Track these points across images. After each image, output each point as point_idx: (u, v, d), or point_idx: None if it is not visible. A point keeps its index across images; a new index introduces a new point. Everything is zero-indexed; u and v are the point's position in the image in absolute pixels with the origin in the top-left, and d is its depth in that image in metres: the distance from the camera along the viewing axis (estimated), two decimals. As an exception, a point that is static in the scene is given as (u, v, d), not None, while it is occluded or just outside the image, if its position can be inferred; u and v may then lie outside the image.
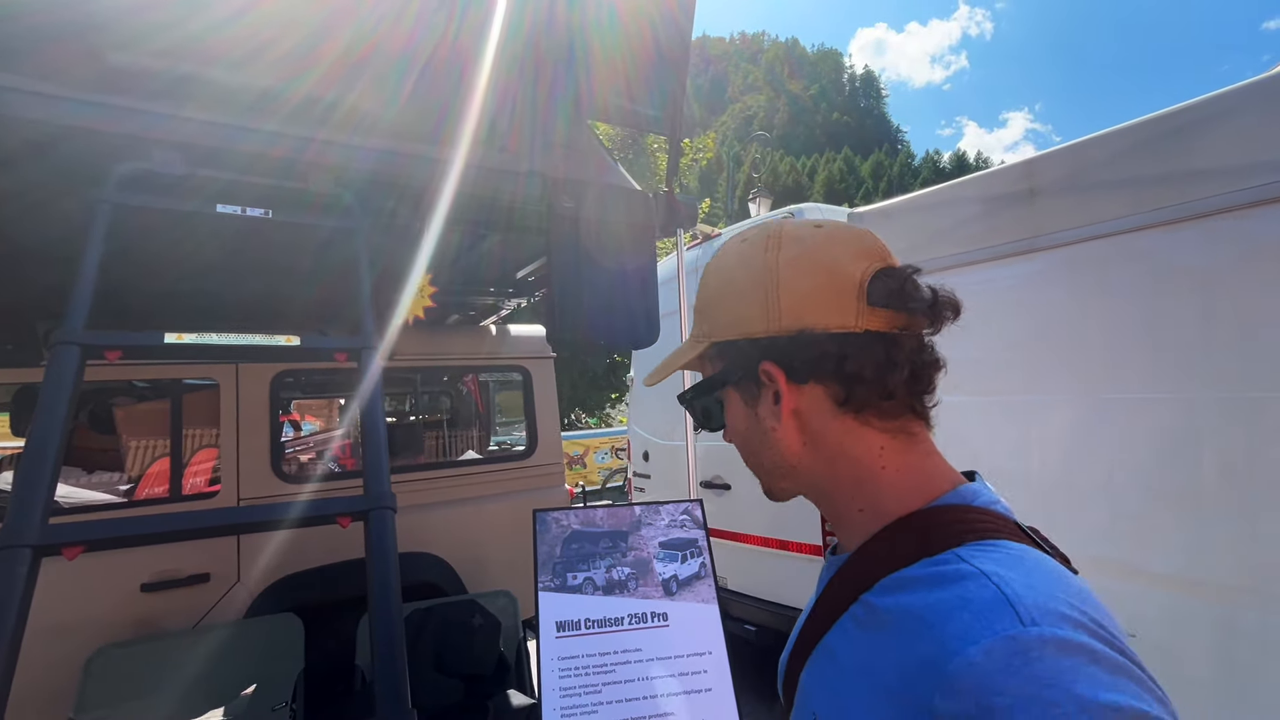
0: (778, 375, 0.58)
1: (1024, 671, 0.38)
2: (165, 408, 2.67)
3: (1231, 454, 1.71)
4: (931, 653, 0.43)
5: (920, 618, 0.46)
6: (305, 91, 1.49)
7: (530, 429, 3.44)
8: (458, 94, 1.73)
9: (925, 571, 0.49)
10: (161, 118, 1.28)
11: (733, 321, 0.60)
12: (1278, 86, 1.74)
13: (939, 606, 0.45)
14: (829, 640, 0.57)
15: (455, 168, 1.66)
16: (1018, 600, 0.42)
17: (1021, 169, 2.35)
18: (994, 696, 0.38)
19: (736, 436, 0.64)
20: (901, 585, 0.51)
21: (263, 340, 1.14)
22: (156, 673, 2.24)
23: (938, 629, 0.44)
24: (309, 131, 1.46)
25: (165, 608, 2.41)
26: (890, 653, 0.47)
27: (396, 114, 1.62)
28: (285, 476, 2.78)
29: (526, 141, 1.78)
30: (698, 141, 14.70)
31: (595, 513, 1.80)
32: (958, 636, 0.42)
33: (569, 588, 1.67)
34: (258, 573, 2.54)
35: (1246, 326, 1.72)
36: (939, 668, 0.42)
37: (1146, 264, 1.93)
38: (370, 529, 1.00)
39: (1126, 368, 1.96)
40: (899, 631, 0.48)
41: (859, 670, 0.51)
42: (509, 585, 2.84)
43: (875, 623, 0.51)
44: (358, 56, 1.57)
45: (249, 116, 1.39)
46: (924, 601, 0.47)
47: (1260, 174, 1.72)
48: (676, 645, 1.63)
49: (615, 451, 10.77)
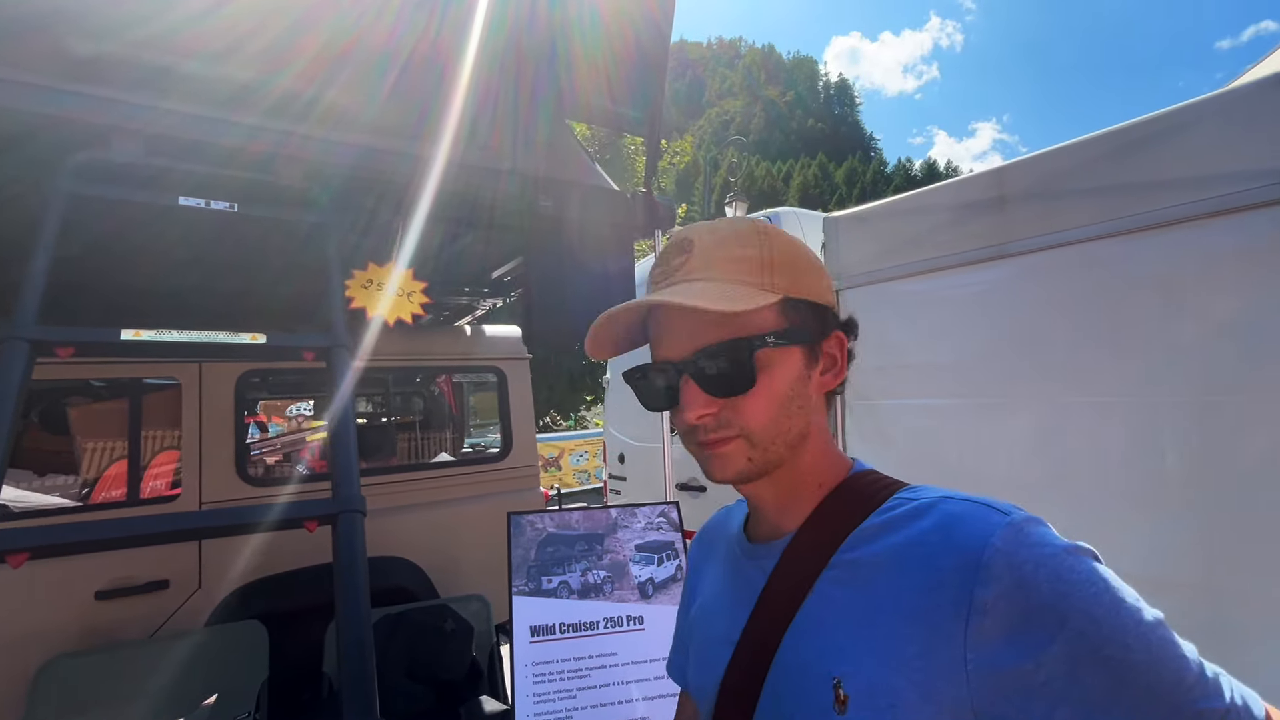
0: (842, 350, 0.64)
1: (1027, 542, 0.49)
2: (123, 408, 2.57)
3: (1190, 455, 1.77)
4: (956, 560, 0.50)
5: (924, 543, 0.53)
6: (278, 85, 1.45)
7: (505, 430, 3.40)
8: (437, 91, 1.70)
9: (891, 515, 0.58)
10: (126, 107, 1.24)
11: (813, 285, 0.62)
12: (1231, 102, 1.81)
13: (938, 529, 0.53)
14: (807, 614, 0.58)
15: (433, 165, 1.63)
16: (987, 502, 0.54)
17: (992, 177, 2.40)
18: (1020, 566, 0.48)
19: (774, 399, 0.59)
20: (877, 533, 0.57)
21: (226, 338, 1.10)
22: (111, 684, 2.15)
23: (950, 542, 0.51)
24: (280, 125, 1.42)
25: (121, 616, 2.31)
26: (904, 582, 0.53)
27: (373, 110, 1.58)
28: (251, 479, 2.69)
29: (506, 140, 1.76)
30: (675, 145, 14.78)
31: (571, 515, 1.78)
32: (973, 538, 0.50)
33: (544, 591, 1.64)
34: (220, 579, 2.46)
35: (1203, 332, 1.78)
36: (970, 566, 0.49)
37: (1110, 271, 1.99)
38: (338, 533, 0.97)
39: (1090, 372, 2.01)
40: (905, 563, 0.53)
41: (867, 616, 0.54)
42: (482, 589, 2.80)
43: (863, 573, 0.56)
44: (334, 52, 1.53)
45: (218, 109, 1.34)
46: (916, 532, 0.54)
47: (1217, 186, 1.78)
48: (652, 649, 1.62)
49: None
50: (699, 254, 0.61)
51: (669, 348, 0.61)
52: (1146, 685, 0.44)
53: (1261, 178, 1.71)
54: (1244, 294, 1.72)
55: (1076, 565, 0.48)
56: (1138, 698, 0.44)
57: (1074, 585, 0.47)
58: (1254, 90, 1.77)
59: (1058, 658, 0.45)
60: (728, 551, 0.73)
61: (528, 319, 1.64)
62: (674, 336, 0.61)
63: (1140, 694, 0.44)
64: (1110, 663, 0.44)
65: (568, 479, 10.65)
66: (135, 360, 2.51)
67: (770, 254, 0.61)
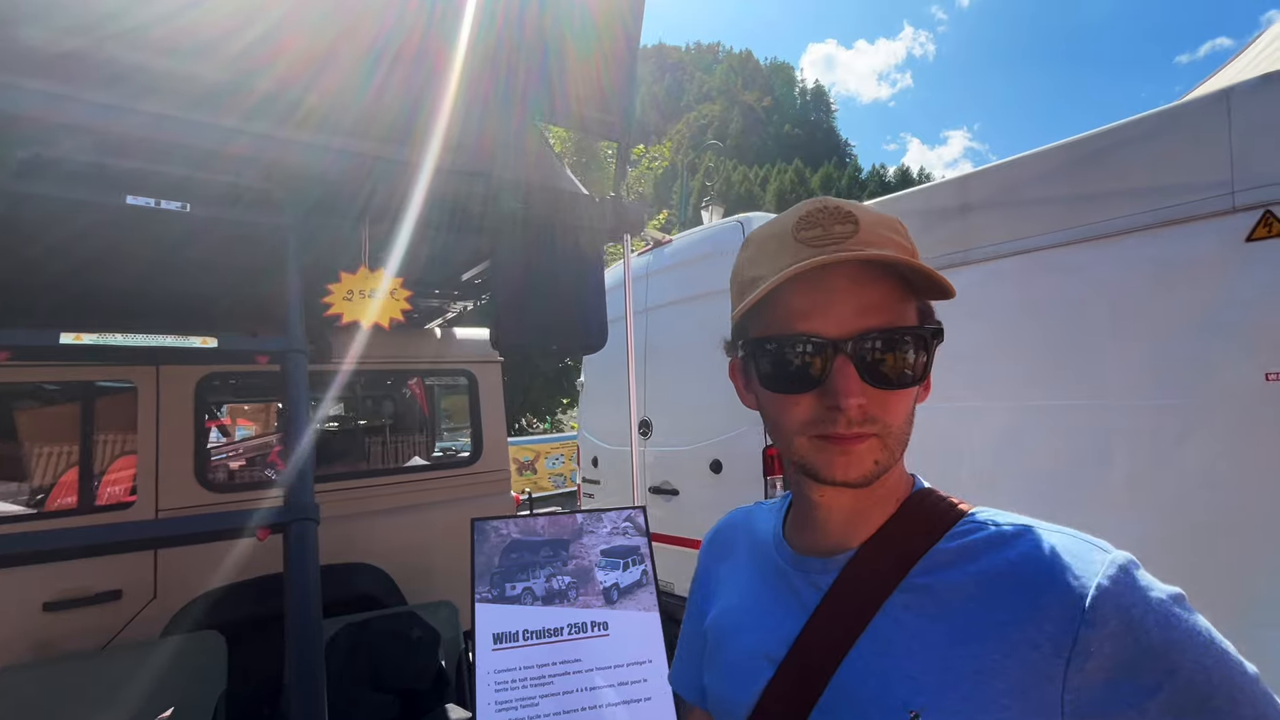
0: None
1: (1134, 585, 0.48)
2: (75, 412, 2.48)
3: (1137, 459, 1.82)
4: (1058, 596, 0.48)
5: (1016, 575, 0.51)
6: (238, 83, 1.42)
7: (475, 434, 3.36)
8: (404, 92, 1.68)
9: (968, 541, 0.55)
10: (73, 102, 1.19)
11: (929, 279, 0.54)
12: (1179, 116, 1.87)
13: (1032, 560, 0.51)
14: (874, 636, 0.54)
15: (398, 166, 1.61)
16: (1081, 536, 0.52)
17: (956, 185, 2.46)
18: (1128, 609, 0.46)
19: (912, 401, 0.57)
20: (954, 558, 0.54)
21: (174, 342, 1.07)
22: (61, 698, 2.07)
23: (1050, 576, 0.49)
24: (239, 124, 1.38)
25: (71, 627, 2.23)
26: (993, 613, 0.50)
27: (337, 111, 1.56)
28: (211, 485, 2.62)
29: (473, 141, 1.74)
30: (654, 150, 14.78)
31: (536, 521, 1.77)
32: (1077, 575, 0.48)
33: (507, 598, 1.63)
34: (178, 588, 2.39)
35: (1152, 340, 1.84)
36: (1076, 604, 0.47)
37: (1067, 279, 2.05)
38: (290, 542, 0.95)
39: (1050, 377, 2.07)
40: (993, 593, 0.51)
41: (948, 646, 0.51)
42: (452, 596, 2.76)
43: (942, 600, 0.53)
44: (298, 52, 1.51)
45: (174, 106, 1.31)
46: (1003, 561, 0.52)
47: (1166, 197, 1.85)
48: (617, 654, 1.61)
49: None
50: (866, 228, 0.54)
51: (825, 321, 0.53)
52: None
53: (1208, 189, 1.78)
54: (1190, 303, 1.79)
55: (1183, 613, 0.47)
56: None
57: (1184, 634, 0.46)
58: (1200, 106, 1.84)
59: (1164, 706, 0.44)
60: (759, 558, 0.68)
61: (494, 322, 1.62)
62: (836, 310, 0.53)
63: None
64: (1218, 714, 0.44)
65: (543, 482, 10.58)
66: (87, 363, 2.43)
67: (915, 248, 0.56)
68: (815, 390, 0.54)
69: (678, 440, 3.72)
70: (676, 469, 3.72)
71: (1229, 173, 1.75)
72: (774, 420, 0.58)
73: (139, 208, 1.21)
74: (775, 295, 0.54)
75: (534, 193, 1.74)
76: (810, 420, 0.55)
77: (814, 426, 0.54)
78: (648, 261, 4.09)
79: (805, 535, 0.63)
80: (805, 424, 0.55)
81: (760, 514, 0.75)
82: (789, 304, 0.55)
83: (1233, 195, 1.74)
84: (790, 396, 0.55)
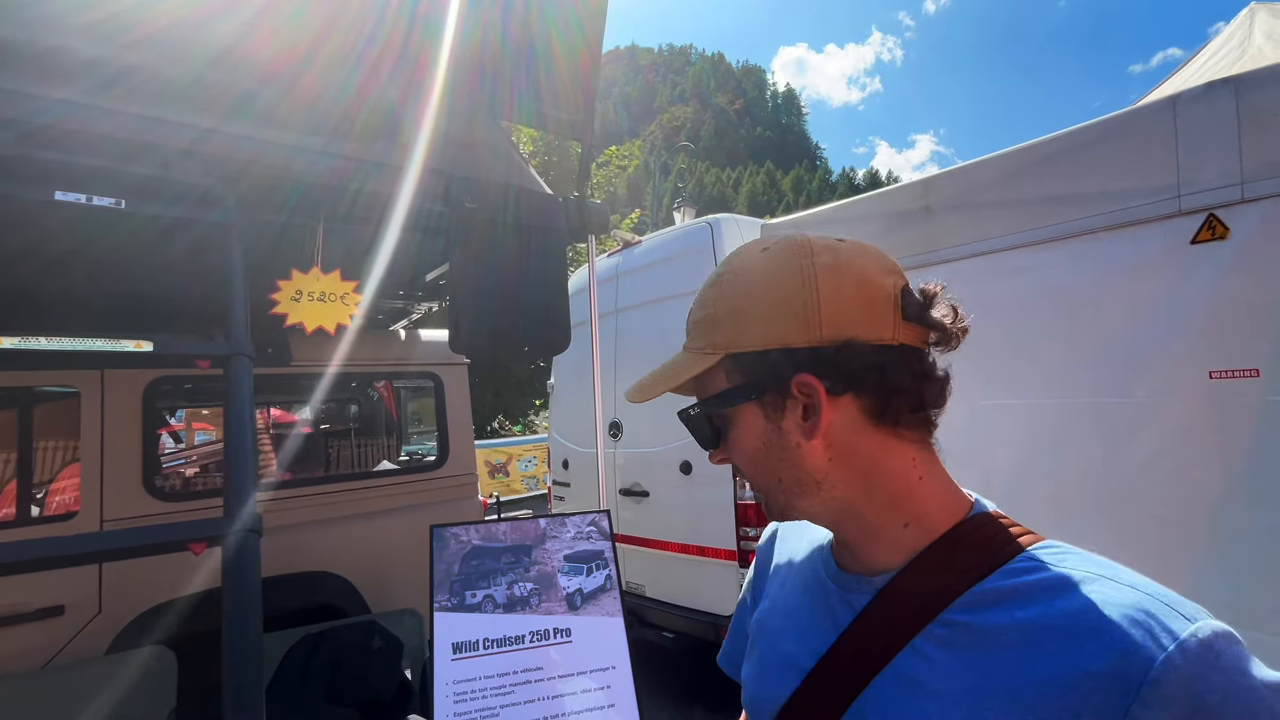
0: (818, 388, 0.55)
1: (1219, 665, 0.40)
2: (12, 419, 2.36)
3: (1086, 456, 1.87)
4: (1113, 663, 0.42)
5: (1069, 630, 0.44)
6: (175, 71, 1.35)
7: (441, 438, 3.30)
8: (357, 87, 1.63)
9: (1023, 582, 0.49)
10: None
11: (762, 332, 0.56)
12: (1128, 122, 1.92)
13: (1092, 616, 0.44)
14: (899, 670, 0.52)
15: (348, 162, 1.56)
16: (1166, 598, 0.44)
17: (920, 187, 2.49)
18: (1204, 695, 0.39)
19: (745, 455, 0.60)
20: (1001, 598, 0.49)
21: (105, 346, 1.01)
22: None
23: (1107, 639, 0.43)
24: (175, 114, 1.33)
25: (9, 646, 2.12)
26: (1033, 669, 0.45)
27: (285, 104, 1.50)
28: (161, 494, 2.52)
29: (428, 138, 1.70)
30: (624, 149, 14.77)
31: (497, 527, 1.73)
32: (1142, 644, 0.41)
33: (467, 606, 1.59)
34: (123, 602, 2.29)
35: (1097, 340, 1.89)
36: (1133, 677, 0.41)
37: (1023, 280, 2.09)
38: (228, 556, 0.90)
39: (1008, 377, 2.10)
40: (1038, 646, 0.45)
41: (979, 695, 0.47)
42: (417, 603, 2.70)
43: (979, 643, 0.48)
44: (242, 42, 1.45)
45: (104, 94, 1.24)
46: (1058, 612, 0.46)
47: (1115, 201, 1.90)
48: (580, 661, 1.59)
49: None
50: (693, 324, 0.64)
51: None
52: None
53: (1155, 194, 1.83)
54: (1134, 303, 1.84)
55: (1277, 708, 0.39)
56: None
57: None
58: (1148, 112, 1.89)
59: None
60: (809, 564, 0.68)
61: (452, 324, 1.59)
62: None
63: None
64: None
65: (516, 485, 10.47)
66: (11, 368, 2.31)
67: (717, 309, 0.59)
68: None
69: (648, 442, 3.71)
70: (646, 471, 3.71)
71: (1175, 177, 1.80)
72: None
73: (69, 204, 1.15)
74: None
75: (493, 191, 1.71)
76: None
77: None
78: (617, 262, 4.07)
79: (847, 551, 0.62)
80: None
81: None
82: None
83: (1179, 199, 1.80)
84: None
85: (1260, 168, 1.65)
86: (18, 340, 0.93)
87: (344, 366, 3.10)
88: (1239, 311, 1.66)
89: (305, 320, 1.46)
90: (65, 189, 1.12)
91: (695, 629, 3.35)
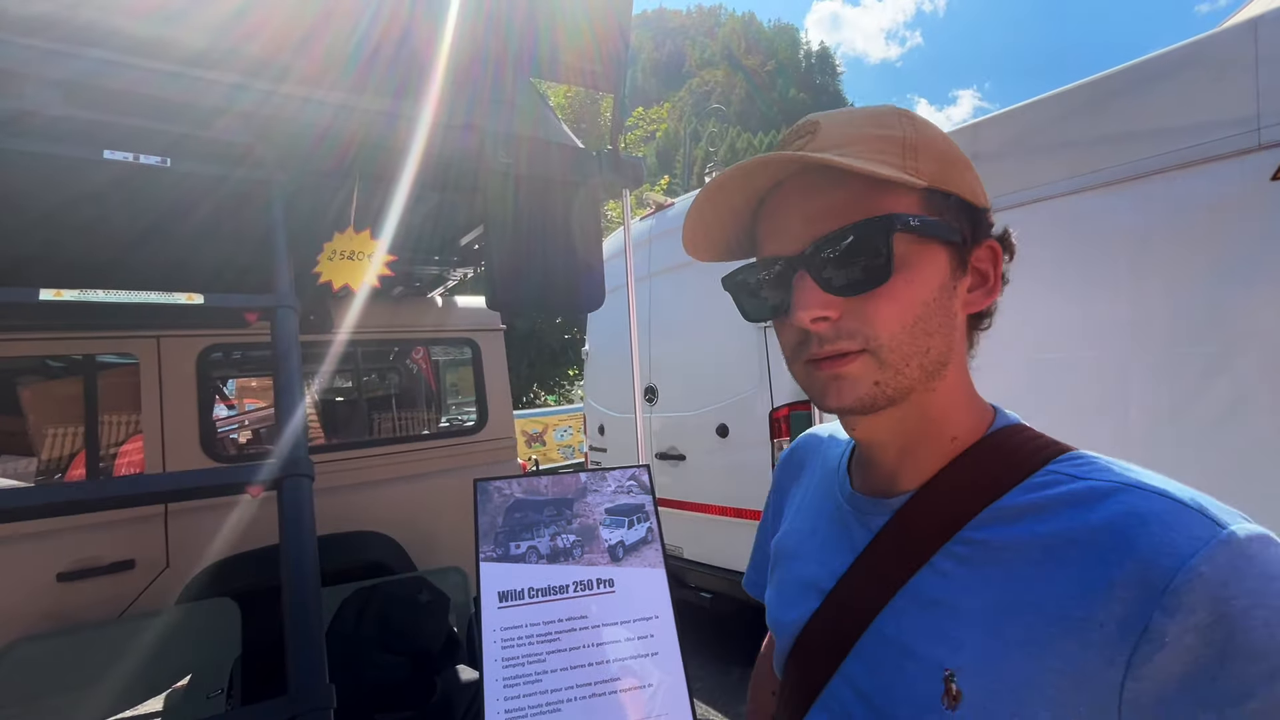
0: (999, 259, 0.54)
1: (1250, 570, 0.38)
2: (79, 388, 2.48)
3: (1161, 405, 1.78)
4: (1135, 570, 0.40)
5: (1092, 542, 0.43)
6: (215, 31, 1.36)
7: (480, 403, 3.35)
8: (389, 42, 1.61)
9: (1046, 495, 0.47)
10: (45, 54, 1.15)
11: (960, 181, 0.51)
12: (1200, 51, 1.78)
13: (1116, 527, 0.43)
14: (918, 588, 0.50)
15: (381, 117, 1.55)
16: (1196, 503, 0.42)
17: (968, 133, 2.37)
18: (1230, 600, 0.38)
19: (912, 306, 0.49)
20: (1022, 514, 0.47)
21: (159, 298, 1.04)
22: (77, 667, 2.10)
23: (1130, 545, 0.41)
24: (218, 75, 1.33)
25: (85, 598, 2.26)
26: (1055, 581, 0.44)
27: (322, 62, 1.50)
28: (219, 457, 2.63)
29: (465, 94, 1.68)
30: (652, 112, 14.47)
31: (539, 480, 1.74)
32: (1165, 551, 0.40)
33: (511, 557, 1.61)
34: (189, 557, 2.41)
35: (1171, 286, 1.78)
36: (1155, 584, 0.39)
37: (1082, 226, 1.98)
38: (283, 499, 0.93)
39: (1064, 328, 2.01)
40: (1060, 559, 0.44)
41: (998, 610, 0.46)
42: (461, 562, 2.78)
43: (999, 558, 0.47)
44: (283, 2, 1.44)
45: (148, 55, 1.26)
46: (1081, 525, 0.44)
47: (1188, 136, 1.77)
48: (623, 611, 1.60)
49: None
50: (825, 133, 0.50)
51: (781, 241, 0.52)
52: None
53: (1231, 127, 1.70)
54: (1212, 246, 1.72)
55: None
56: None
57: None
58: (1223, 38, 1.75)
59: (1253, 714, 0.36)
60: (824, 488, 0.66)
61: (489, 280, 1.58)
62: (789, 225, 0.51)
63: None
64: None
65: (552, 454, 10.65)
66: (86, 335, 2.42)
67: (915, 136, 0.50)
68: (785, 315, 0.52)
69: (683, 405, 3.70)
70: (683, 434, 3.71)
71: (1255, 108, 1.66)
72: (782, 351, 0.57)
73: (117, 163, 1.17)
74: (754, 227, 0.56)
75: (526, 146, 1.68)
76: (796, 344, 0.53)
77: (801, 350, 0.52)
78: (650, 226, 4.02)
79: (864, 472, 0.61)
80: (794, 349, 0.53)
81: (835, 440, 0.72)
82: (758, 234, 0.55)
83: (1259, 132, 1.66)
84: (779, 321, 0.55)
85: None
86: (77, 293, 0.96)
87: (384, 332, 3.15)
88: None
89: (334, 278, 1.48)
90: (114, 149, 1.14)
91: (733, 590, 3.37)
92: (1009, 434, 0.53)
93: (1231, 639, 0.37)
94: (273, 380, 1.10)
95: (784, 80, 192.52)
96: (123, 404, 2.65)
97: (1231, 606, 0.38)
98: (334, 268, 1.63)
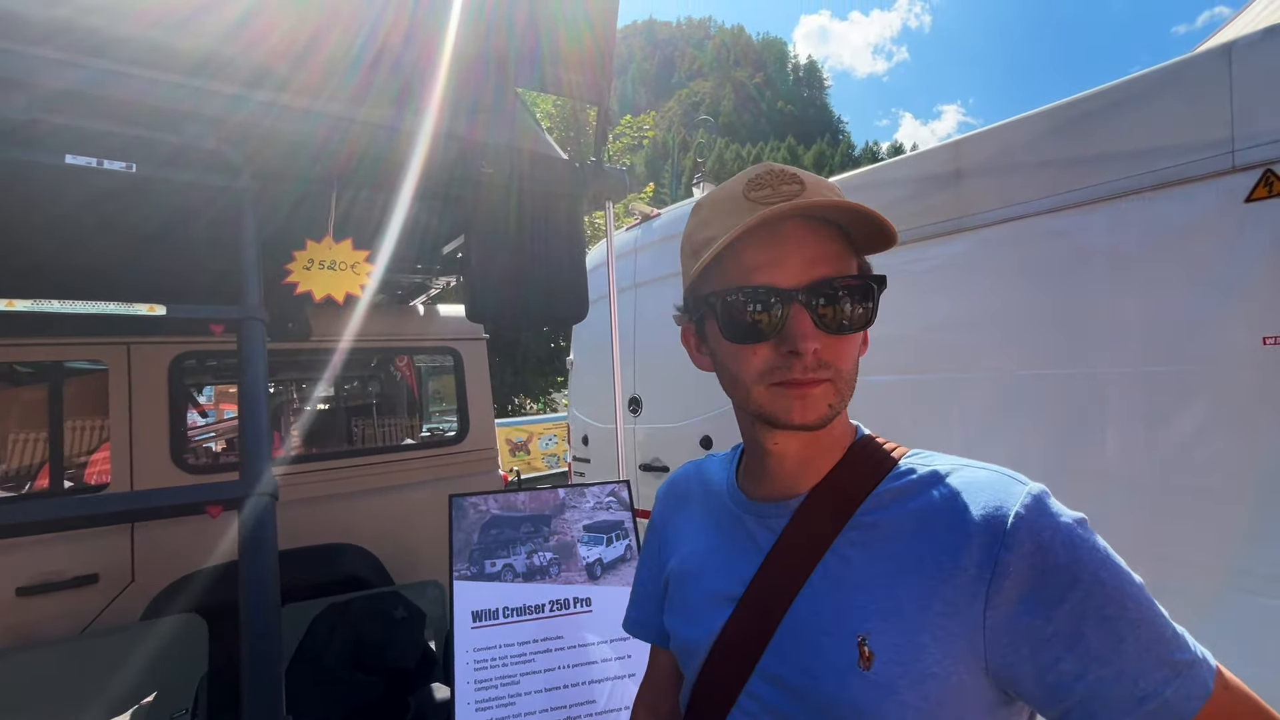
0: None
1: (1046, 512, 0.53)
2: (44, 394, 2.41)
3: (1131, 426, 1.79)
4: (982, 525, 0.53)
5: (948, 508, 0.56)
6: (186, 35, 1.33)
7: (461, 413, 3.31)
8: (367, 49, 1.59)
9: (906, 481, 0.60)
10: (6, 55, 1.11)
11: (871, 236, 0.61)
12: (1177, 74, 1.81)
13: (960, 495, 0.56)
14: (826, 572, 0.60)
15: (362, 127, 1.53)
16: (1005, 472, 0.58)
17: (950, 150, 2.39)
18: (1040, 533, 0.52)
19: (860, 348, 0.63)
20: (894, 498, 0.60)
21: (118, 308, 1.00)
22: (37, 684, 2.03)
23: (975, 508, 0.55)
24: (188, 79, 1.30)
25: (46, 613, 2.18)
26: (929, 545, 0.55)
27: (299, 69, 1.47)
28: (189, 468, 2.56)
29: (445, 103, 1.66)
30: (638, 120, 14.48)
31: (516, 497, 1.71)
32: (998, 506, 0.54)
33: (487, 575, 1.58)
34: (155, 572, 2.34)
35: (1146, 305, 1.79)
36: (997, 530, 0.52)
37: (1061, 244, 1.99)
38: (244, 519, 0.89)
39: (1043, 346, 2.02)
40: (928, 527, 0.56)
41: (891, 577, 0.56)
42: (440, 576, 2.73)
43: (884, 536, 0.58)
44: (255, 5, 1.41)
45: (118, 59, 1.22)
46: (937, 497, 0.57)
47: (1164, 158, 1.79)
48: (600, 630, 1.57)
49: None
50: (811, 187, 0.59)
51: (777, 274, 0.58)
52: (1137, 638, 0.50)
53: (1207, 149, 1.72)
54: (1186, 266, 1.74)
55: (1085, 535, 0.53)
56: (1130, 649, 0.50)
57: (1084, 552, 0.51)
58: (1198, 62, 1.77)
59: (1067, 614, 0.50)
60: (715, 507, 0.73)
61: (469, 290, 1.56)
62: (788, 262, 0.58)
63: (1132, 646, 0.50)
64: (1110, 620, 0.50)
65: (537, 463, 10.56)
66: (55, 342, 2.35)
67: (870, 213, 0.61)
68: (773, 339, 0.58)
69: (668, 417, 3.68)
70: (666, 446, 3.68)
71: (1229, 131, 1.69)
72: (732, 374, 0.62)
73: (81, 168, 1.13)
74: (730, 253, 0.58)
75: (509, 156, 1.66)
76: (767, 369, 0.59)
77: (771, 374, 0.59)
78: (635, 236, 4.01)
79: (759, 483, 0.68)
80: (763, 373, 0.59)
81: (712, 465, 0.80)
82: (744, 259, 0.59)
83: (1233, 155, 1.68)
84: (749, 347, 0.59)
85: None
86: (30, 303, 0.92)
87: (364, 341, 3.11)
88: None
89: (314, 288, 1.44)
90: (76, 153, 1.10)
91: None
92: (868, 440, 0.66)
93: (1045, 560, 0.51)
94: (237, 393, 1.06)
95: (772, 92, 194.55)
96: (92, 412, 2.58)
97: (1041, 537, 0.52)
98: (312, 277, 1.60)
